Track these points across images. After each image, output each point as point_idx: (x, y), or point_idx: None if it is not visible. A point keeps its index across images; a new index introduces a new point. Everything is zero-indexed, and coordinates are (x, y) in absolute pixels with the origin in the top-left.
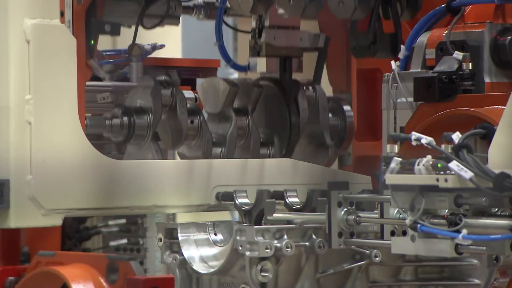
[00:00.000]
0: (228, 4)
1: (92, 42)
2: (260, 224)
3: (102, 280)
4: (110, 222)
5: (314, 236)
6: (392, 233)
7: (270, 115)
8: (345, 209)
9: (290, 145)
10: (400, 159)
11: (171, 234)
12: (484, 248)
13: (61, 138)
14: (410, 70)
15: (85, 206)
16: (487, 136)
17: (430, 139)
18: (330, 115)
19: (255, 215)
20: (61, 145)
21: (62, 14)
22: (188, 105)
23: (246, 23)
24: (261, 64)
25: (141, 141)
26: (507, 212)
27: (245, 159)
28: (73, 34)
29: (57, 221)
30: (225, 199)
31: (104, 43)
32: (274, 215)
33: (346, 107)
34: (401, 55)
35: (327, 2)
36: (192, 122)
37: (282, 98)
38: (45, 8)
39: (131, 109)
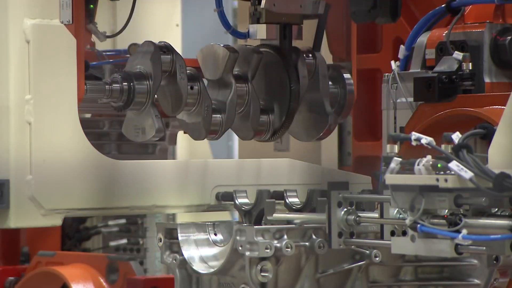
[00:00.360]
0: None
1: (92, 6)
2: (260, 224)
3: (102, 280)
4: (110, 222)
5: (314, 236)
6: (392, 233)
7: (269, 82)
8: (345, 209)
9: (290, 113)
10: (400, 159)
11: (171, 234)
12: (484, 248)
13: (61, 138)
14: (410, 70)
15: (85, 206)
16: (487, 136)
17: (430, 139)
18: (330, 82)
19: (255, 215)
20: (61, 145)
21: None
22: (188, 71)
23: None
24: (261, 31)
25: (140, 107)
26: (507, 212)
27: (244, 159)
28: None
29: (57, 221)
30: (225, 199)
31: (104, 43)
32: (274, 215)
33: (346, 75)
34: (401, 55)
35: None
36: (192, 88)
37: (282, 65)
38: (45, 8)
39: (130, 74)
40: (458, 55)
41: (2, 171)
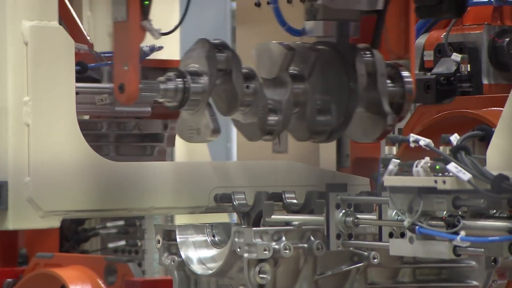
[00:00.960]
0: None
1: (147, 2)
2: (259, 226)
3: (100, 282)
4: (108, 224)
5: (312, 238)
6: (390, 235)
7: (326, 81)
8: (343, 211)
9: (348, 113)
10: (398, 160)
11: (169, 236)
12: (482, 250)
13: (59, 140)
14: None
15: (83, 208)
16: (485, 138)
17: (428, 140)
18: (388, 81)
19: (253, 216)
20: (59, 147)
21: None
22: (244, 70)
23: None
24: (318, 28)
25: (195, 107)
26: (505, 213)
27: (243, 161)
28: None
29: (55, 223)
30: (223, 200)
31: (102, 44)
32: (272, 216)
33: (405, 73)
34: None
35: None
36: (247, 87)
37: (340, 63)
38: (43, 10)
39: (185, 72)
40: (456, 56)
41: (0, 173)
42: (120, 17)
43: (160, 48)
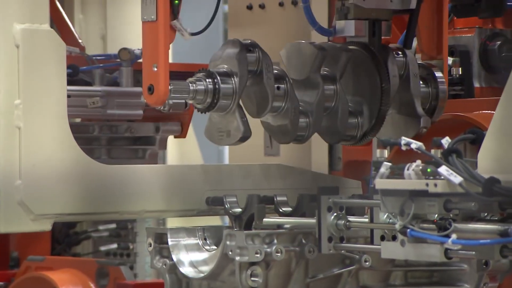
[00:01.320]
0: None
1: (177, 1)
2: (250, 229)
3: (91, 285)
4: (100, 227)
5: (304, 241)
6: (382, 238)
7: (358, 82)
8: (335, 214)
9: (381, 115)
10: (390, 163)
11: (161, 239)
12: (474, 253)
13: (51, 143)
14: None
15: (75, 211)
16: (477, 141)
17: (419, 144)
18: (421, 82)
19: (245, 219)
20: (51, 150)
21: None
22: (275, 71)
23: None
24: (349, 28)
25: (225, 109)
26: (497, 217)
27: (235, 164)
28: None
29: (47, 226)
30: (215, 203)
31: (94, 47)
32: (264, 220)
33: (438, 74)
34: None
35: None
36: (278, 88)
37: (372, 64)
38: (34, 13)
39: (215, 73)
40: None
41: None
42: (149, 17)
43: None
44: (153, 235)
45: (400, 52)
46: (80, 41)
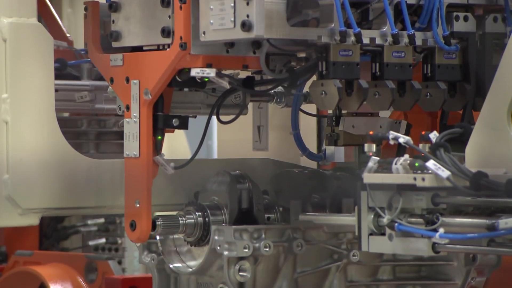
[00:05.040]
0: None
1: (160, 137)
2: (241, 224)
3: (80, 279)
4: (89, 222)
5: (291, 235)
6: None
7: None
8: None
9: None
10: (378, 158)
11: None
12: (461, 246)
13: (38, 137)
14: None
15: (62, 206)
16: (465, 136)
17: (407, 138)
18: None
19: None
20: (38, 144)
21: (128, 108)
22: (265, 201)
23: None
24: (339, 154)
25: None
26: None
27: (224, 158)
28: (139, 129)
29: (34, 220)
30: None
31: (82, 41)
32: (300, 216)
33: None
34: None
35: (414, 97)
36: (268, 219)
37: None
38: (21, 7)
39: (205, 207)
40: None
41: None
42: (131, 153)
43: None
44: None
45: None
46: (68, 35)
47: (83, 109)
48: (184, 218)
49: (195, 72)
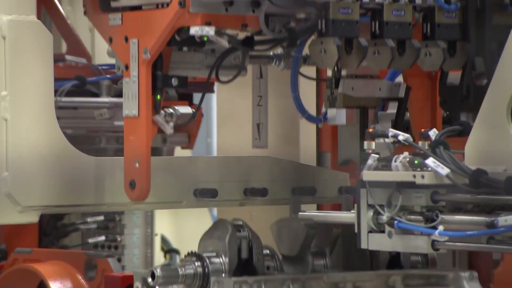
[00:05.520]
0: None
1: (159, 97)
2: (241, 273)
3: (79, 277)
4: (88, 219)
5: (291, 286)
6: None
7: (348, 256)
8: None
9: None
10: (377, 155)
11: (148, 284)
12: (460, 244)
13: (38, 134)
14: (388, 111)
15: (62, 203)
16: (464, 133)
17: (407, 135)
18: None
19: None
20: (37, 141)
21: (127, 68)
22: (265, 251)
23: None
24: (341, 117)
25: None
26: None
27: (223, 156)
28: (138, 89)
29: (34, 218)
30: (203, 195)
31: (82, 39)
32: (300, 213)
33: None
34: None
35: (414, 55)
36: (268, 268)
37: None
38: (21, 4)
39: (204, 257)
40: None
41: None
42: (131, 112)
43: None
44: (141, 280)
45: None
46: (87, 51)
47: (102, 126)
48: (183, 269)
49: (194, 30)
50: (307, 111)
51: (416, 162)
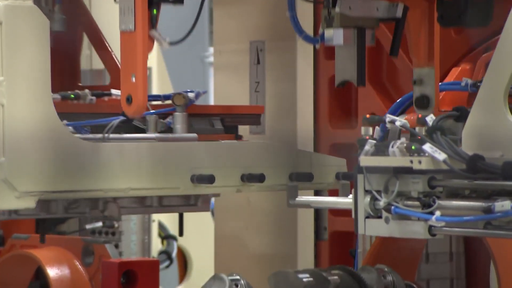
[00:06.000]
0: None
1: (155, 11)
2: None
3: (77, 263)
4: (87, 226)
5: None
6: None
7: None
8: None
9: None
10: (374, 141)
11: None
12: (457, 229)
13: (34, 120)
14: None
15: (59, 189)
16: (461, 118)
17: (404, 121)
18: None
19: None
20: (34, 127)
21: None
22: None
23: None
24: (338, 36)
25: None
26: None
27: (220, 141)
28: (134, 2)
29: (31, 203)
30: (200, 181)
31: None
32: (297, 199)
33: None
34: (376, 135)
35: None
36: None
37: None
38: None
39: None
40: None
41: None
42: (127, 27)
43: (204, 92)
44: None
45: (388, 275)
46: None
47: None
48: None
49: None
50: (304, 30)
51: (413, 147)
